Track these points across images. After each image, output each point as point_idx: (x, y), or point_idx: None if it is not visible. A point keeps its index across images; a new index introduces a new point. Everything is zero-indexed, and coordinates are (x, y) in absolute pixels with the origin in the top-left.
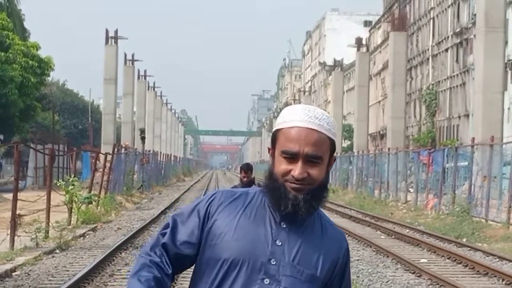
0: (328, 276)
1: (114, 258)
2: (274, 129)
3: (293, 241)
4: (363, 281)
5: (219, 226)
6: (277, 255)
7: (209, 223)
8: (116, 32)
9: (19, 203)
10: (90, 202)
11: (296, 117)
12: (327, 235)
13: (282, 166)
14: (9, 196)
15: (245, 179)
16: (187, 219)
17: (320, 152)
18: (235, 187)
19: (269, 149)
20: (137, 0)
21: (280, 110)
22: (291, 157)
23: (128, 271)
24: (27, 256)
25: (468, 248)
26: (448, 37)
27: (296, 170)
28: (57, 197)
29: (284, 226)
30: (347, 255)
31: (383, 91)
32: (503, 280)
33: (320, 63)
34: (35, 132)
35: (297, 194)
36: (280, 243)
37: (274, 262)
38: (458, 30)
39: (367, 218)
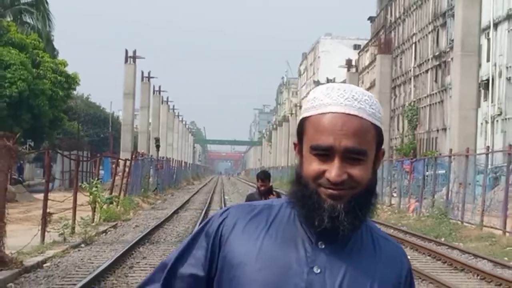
0: None
1: (133, 252)
2: (300, 117)
3: (336, 266)
4: None
5: (237, 254)
6: (316, 286)
7: (223, 250)
8: (134, 52)
9: (48, 203)
10: (111, 202)
11: (329, 100)
12: (382, 254)
13: (312, 166)
14: (39, 196)
15: (262, 188)
16: (192, 245)
17: (364, 144)
18: (251, 195)
19: (295, 144)
20: (154, 25)
21: (279, 123)
22: (325, 154)
23: (146, 264)
24: (56, 250)
25: (446, 247)
26: (428, 59)
27: (332, 171)
28: (82, 198)
29: (323, 247)
30: (410, 277)
31: None
32: (477, 275)
33: (314, 82)
34: (61, 139)
35: (335, 203)
36: (318, 270)
37: None
38: (437, 53)
39: None
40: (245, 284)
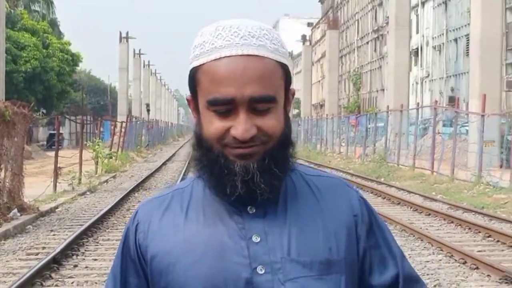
0: (353, 250)
1: (130, 197)
2: (190, 67)
3: (278, 226)
4: None
5: (162, 256)
6: (262, 257)
7: (146, 259)
8: (127, 33)
9: (59, 159)
10: (111, 157)
11: (221, 41)
12: (321, 193)
13: (214, 125)
14: (51, 154)
15: None
16: (121, 272)
17: (271, 89)
18: None
19: (188, 101)
20: (146, 7)
21: None
22: (226, 109)
23: None
24: (66, 197)
25: (385, 185)
26: (368, 33)
27: (238, 126)
28: (86, 154)
29: (254, 211)
30: (364, 205)
31: (322, 73)
32: (411, 207)
33: None
34: (69, 107)
35: (246, 163)
36: (258, 239)
37: (263, 270)
38: (376, 28)
39: (312, 165)
40: (182, 285)
